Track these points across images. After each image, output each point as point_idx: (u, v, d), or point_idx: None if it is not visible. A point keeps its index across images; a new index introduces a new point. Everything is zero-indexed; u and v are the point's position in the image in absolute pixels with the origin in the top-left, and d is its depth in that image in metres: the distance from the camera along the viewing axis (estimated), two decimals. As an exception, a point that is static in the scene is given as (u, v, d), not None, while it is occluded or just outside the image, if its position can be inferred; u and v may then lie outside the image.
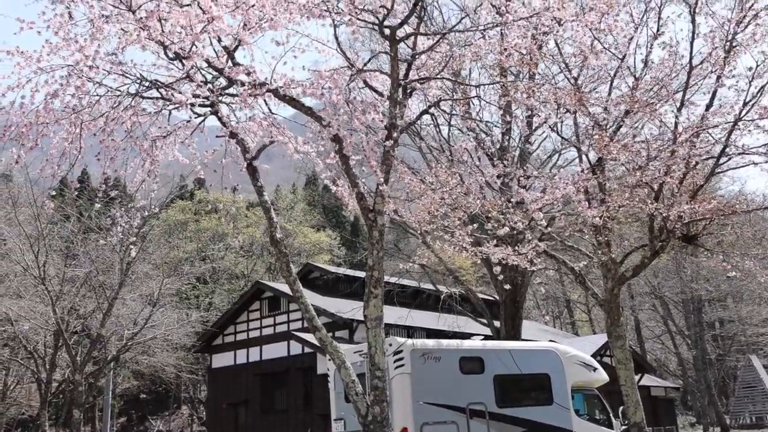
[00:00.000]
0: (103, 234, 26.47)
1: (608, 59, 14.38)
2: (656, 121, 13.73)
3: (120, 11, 8.78)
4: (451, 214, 15.18)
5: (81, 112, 9.39)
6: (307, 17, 9.55)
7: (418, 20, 11.63)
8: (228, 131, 10.81)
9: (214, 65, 9.72)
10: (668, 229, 14.06)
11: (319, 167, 11.97)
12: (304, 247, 52.50)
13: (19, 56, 8.82)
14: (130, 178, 11.26)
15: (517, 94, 12.87)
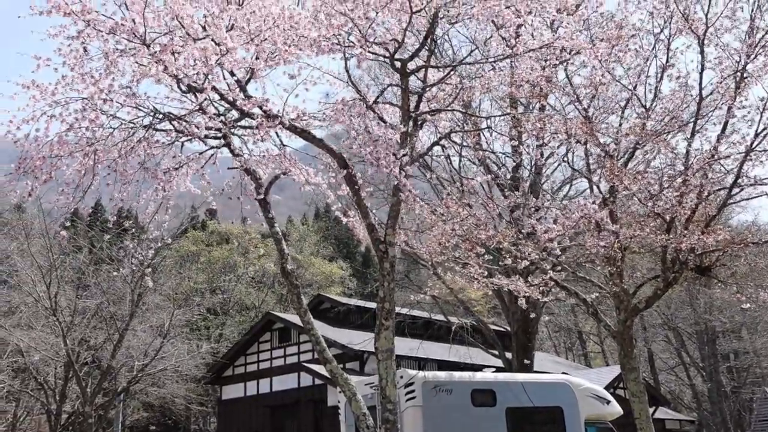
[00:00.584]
0: (115, 265, 26.53)
1: (618, 90, 14.43)
2: (667, 152, 13.71)
3: (135, 45, 8.89)
4: (462, 245, 15.16)
5: (95, 145, 9.48)
6: (317, 53, 9.64)
7: (428, 53, 11.72)
8: (240, 163, 10.87)
9: (227, 98, 9.80)
10: (681, 260, 13.98)
11: (331, 199, 12.01)
12: (316, 279, 52.45)
13: (35, 89, 8.93)
14: (143, 209, 11.33)
15: (527, 125, 12.91)
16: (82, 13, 8.47)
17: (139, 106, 9.64)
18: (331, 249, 61.08)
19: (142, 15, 8.65)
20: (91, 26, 8.56)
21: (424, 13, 10.37)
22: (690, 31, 13.21)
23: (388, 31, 10.86)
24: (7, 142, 9.28)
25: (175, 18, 8.89)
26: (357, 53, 10.24)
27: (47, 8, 8.37)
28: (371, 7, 9.69)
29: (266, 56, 9.58)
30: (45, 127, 9.09)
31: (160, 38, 9.01)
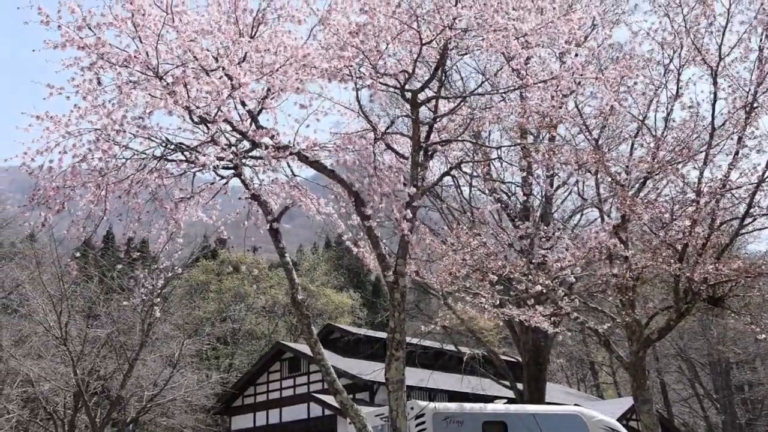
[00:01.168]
0: (126, 295, 26.58)
1: (629, 120, 14.45)
2: (678, 181, 13.68)
3: (147, 77, 8.98)
4: (473, 275, 15.11)
5: (107, 175, 9.54)
6: (329, 80, 9.71)
7: (438, 84, 11.78)
8: (251, 193, 10.91)
9: (238, 129, 9.86)
10: (693, 290, 13.88)
11: (341, 228, 12.04)
12: (326, 308, 52.32)
13: (48, 121, 9.03)
14: (154, 239, 11.37)
15: (537, 155, 12.93)
16: (95, 47, 8.57)
17: (151, 137, 9.72)
18: (341, 278, 60.98)
19: (155, 47, 8.75)
20: (104, 59, 8.66)
21: (434, 45, 10.44)
22: (703, 62, 13.24)
23: (399, 62, 10.94)
24: (19, 173, 9.37)
25: (187, 51, 8.99)
26: (368, 84, 10.32)
27: (61, 42, 8.48)
28: (382, 39, 9.77)
29: (278, 87, 9.66)
30: (59, 158, 9.18)
31: (173, 70, 9.11)
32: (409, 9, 9.74)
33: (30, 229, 9.71)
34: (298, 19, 10.17)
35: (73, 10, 8.49)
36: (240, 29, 10.07)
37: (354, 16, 10.11)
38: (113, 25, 8.74)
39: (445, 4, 9.49)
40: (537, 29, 9.94)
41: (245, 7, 10.14)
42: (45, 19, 8.35)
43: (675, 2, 13.13)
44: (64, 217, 9.85)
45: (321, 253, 66.47)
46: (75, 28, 8.48)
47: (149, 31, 8.81)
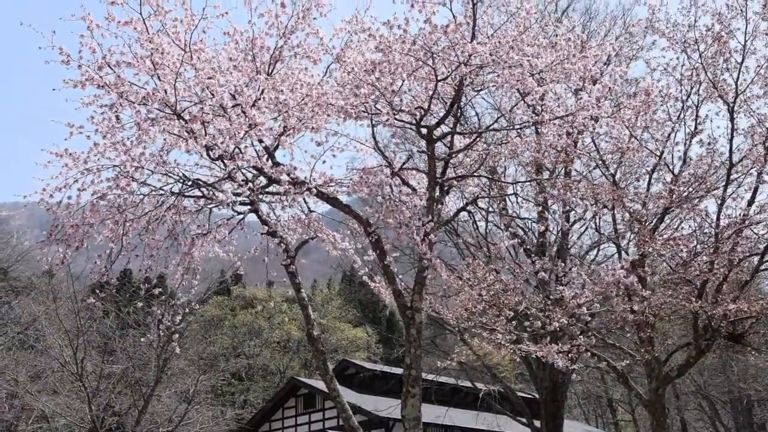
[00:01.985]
0: (142, 330, 26.59)
1: (646, 155, 14.40)
2: (697, 217, 13.59)
3: (166, 115, 9.08)
4: (489, 311, 15.01)
5: (125, 212, 9.60)
6: (344, 119, 9.78)
7: (454, 120, 11.82)
8: (267, 229, 10.94)
9: (255, 165, 9.92)
10: (713, 327, 13.72)
11: (357, 264, 12.03)
12: (341, 344, 52.07)
13: (67, 157, 9.13)
14: (171, 275, 11.40)
15: (553, 191, 12.89)
16: (115, 85, 8.68)
17: (169, 173, 9.79)
18: (356, 313, 60.76)
19: (174, 85, 8.85)
20: (123, 97, 8.77)
21: (449, 81, 10.50)
22: (719, 98, 13.23)
23: (414, 99, 11.00)
24: (38, 208, 9.45)
25: (205, 88, 9.09)
26: (384, 120, 10.37)
27: (81, 80, 8.60)
28: (398, 76, 9.84)
29: (294, 125, 9.74)
30: (77, 195, 9.26)
31: (191, 107, 9.21)
32: (425, 46, 9.81)
33: (48, 266, 9.76)
34: (314, 59, 10.31)
35: (94, 50, 8.63)
36: (257, 66, 10.19)
37: (369, 53, 10.20)
38: (132, 65, 8.86)
39: (460, 41, 9.55)
40: (552, 66, 9.98)
41: (262, 44, 10.27)
42: (66, 59, 8.47)
43: (692, 39, 13.16)
44: (82, 252, 9.91)
45: (336, 288, 66.34)
46: (95, 67, 8.61)
47: (167, 69, 8.93)
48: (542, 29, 10.86)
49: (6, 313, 32.55)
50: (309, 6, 10.33)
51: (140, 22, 8.95)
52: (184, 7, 9.42)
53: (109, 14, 8.79)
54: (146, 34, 8.97)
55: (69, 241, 9.38)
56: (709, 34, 13.06)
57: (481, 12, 10.02)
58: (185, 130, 8.97)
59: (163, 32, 9.26)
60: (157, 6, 9.11)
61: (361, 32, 10.20)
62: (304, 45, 10.57)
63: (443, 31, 9.59)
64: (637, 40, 14.94)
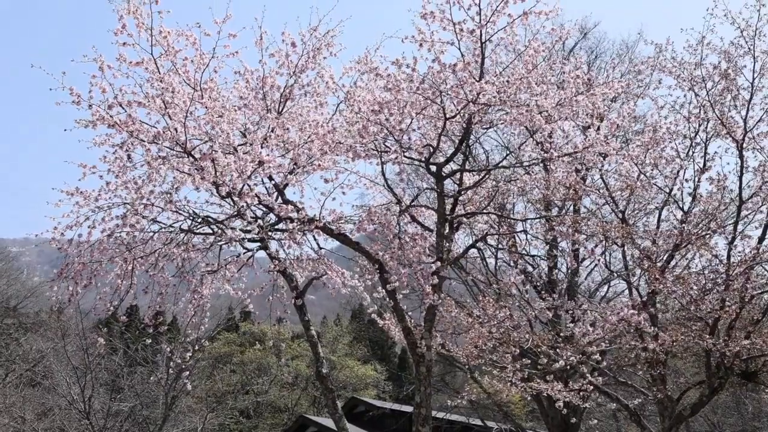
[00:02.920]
0: (150, 367, 26.51)
1: (655, 192, 14.38)
2: (708, 254, 13.51)
3: (176, 153, 9.15)
4: (500, 348, 14.91)
5: (134, 249, 9.64)
6: (352, 159, 9.83)
7: (463, 157, 11.86)
8: (276, 266, 10.93)
9: (265, 202, 9.95)
10: (726, 365, 13.56)
11: (367, 301, 12.00)
12: (350, 381, 51.68)
13: (79, 196, 9.20)
14: (180, 312, 11.40)
15: (562, 228, 12.87)
16: (125, 125, 8.76)
17: (178, 211, 9.83)
18: (366, 350, 60.39)
19: (184, 124, 8.93)
20: (134, 136, 8.85)
21: (458, 119, 10.55)
22: (728, 135, 13.23)
23: (423, 137, 11.05)
24: (47, 245, 9.51)
25: (215, 126, 9.17)
26: (393, 158, 10.41)
27: (92, 120, 8.68)
28: (406, 114, 9.90)
29: (303, 163, 9.80)
30: (87, 233, 9.32)
31: (201, 145, 9.28)
32: (433, 85, 9.88)
33: (57, 303, 9.78)
34: (320, 102, 10.42)
35: (104, 90, 8.73)
36: (267, 105, 10.28)
37: (378, 92, 10.29)
38: (143, 104, 8.96)
39: (468, 80, 9.61)
40: (559, 104, 10.03)
41: (273, 83, 10.37)
42: (76, 99, 8.57)
43: (699, 77, 13.21)
44: (91, 289, 9.94)
45: (345, 325, 66.04)
46: (106, 107, 8.70)
47: (178, 107, 9.01)
48: (550, 67, 10.92)
49: (14, 350, 32.54)
50: (319, 45, 10.46)
51: (151, 62, 9.07)
52: (195, 46, 9.55)
53: (120, 55, 8.92)
54: (157, 74, 9.08)
55: (78, 279, 9.40)
56: (716, 72, 13.11)
57: (489, 51, 10.10)
58: (195, 168, 9.03)
59: (174, 72, 9.37)
60: (167, 46, 9.24)
61: (369, 71, 10.31)
62: (314, 84, 10.69)
63: (452, 70, 9.67)
64: (644, 78, 14.99)
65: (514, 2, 9.36)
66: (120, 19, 8.85)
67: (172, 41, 9.30)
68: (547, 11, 9.42)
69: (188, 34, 9.49)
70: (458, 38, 9.56)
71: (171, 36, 9.26)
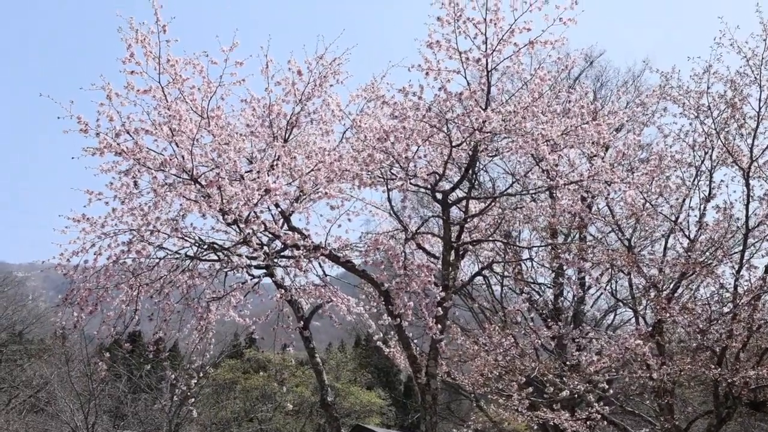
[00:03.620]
0: (154, 394, 26.40)
1: (661, 220, 14.34)
2: (714, 283, 13.45)
3: (183, 180, 9.17)
4: (506, 376, 14.81)
5: (140, 277, 9.65)
6: (359, 187, 9.84)
7: (469, 184, 11.86)
8: (282, 293, 10.90)
9: (271, 229, 9.95)
10: (734, 395, 13.44)
11: (372, 328, 11.94)
12: (354, 408, 51.31)
13: (85, 222, 9.23)
14: (184, 338, 11.37)
15: (568, 256, 12.83)
16: (132, 152, 8.80)
17: (185, 237, 9.84)
18: (370, 376, 60.02)
19: (191, 151, 8.96)
20: (141, 163, 8.89)
21: (464, 147, 10.56)
22: (734, 164, 13.22)
23: (429, 164, 11.06)
24: (53, 270, 9.53)
25: (222, 154, 9.20)
26: (399, 185, 10.42)
27: (99, 148, 8.73)
28: (412, 142, 9.91)
29: (310, 189, 9.81)
30: (93, 259, 9.33)
31: (208, 173, 9.31)
32: (439, 113, 9.91)
33: (61, 329, 9.77)
34: (326, 129, 10.46)
35: (111, 118, 8.78)
36: (274, 132, 10.32)
37: (385, 119, 10.32)
38: (150, 132, 9.01)
39: (474, 108, 9.63)
40: (565, 133, 10.04)
41: (279, 111, 10.42)
42: (84, 127, 8.62)
43: (704, 106, 13.24)
44: (96, 314, 9.94)
45: (350, 352, 65.68)
46: (113, 135, 8.75)
47: (185, 135, 9.05)
48: (555, 96, 10.95)
49: (18, 376, 32.47)
50: (326, 73, 10.52)
51: (159, 89, 9.13)
52: (202, 75, 9.62)
53: (128, 83, 8.98)
54: (165, 102, 9.14)
55: (83, 305, 9.41)
56: (722, 100, 13.14)
57: (495, 79, 10.14)
58: (201, 195, 9.05)
59: (181, 99, 9.43)
60: (175, 74, 9.30)
61: (376, 99, 10.35)
62: (320, 111, 10.74)
63: (458, 99, 9.70)
64: (650, 106, 15.03)
65: (519, 32, 9.39)
66: (128, 47, 8.92)
67: (180, 69, 9.37)
68: (553, 41, 9.45)
69: (196, 63, 9.56)
70: (464, 67, 9.58)
71: (179, 64, 9.33)
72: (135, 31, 8.93)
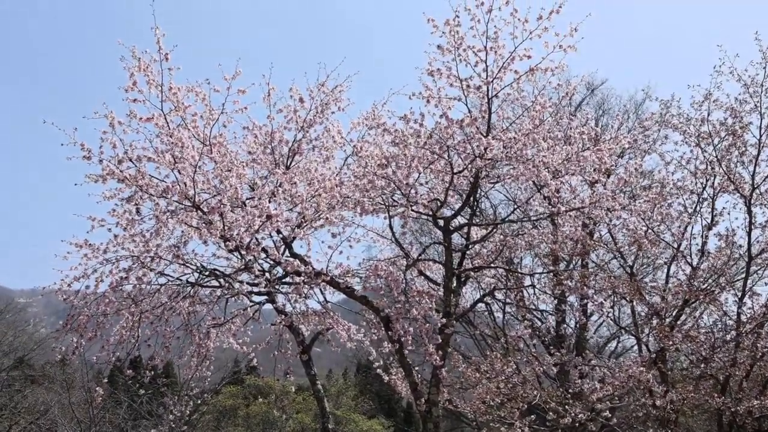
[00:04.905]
0: (154, 421, 26.21)
1: (663, 247, 14.31)
2: (717, 310, 13.40)
3: (185, 207, 9.19)
4: (508, 404, 14.71)
5: (141, 305, 9.64)
6: (360, 214, 9.85)
7: (470, 211, 11.86)
8: (283, 321, 10.87)
9: (272, 256, 9.95)
10: (738, 423, 13.33)
11: (373, 356, 11.89)
12: (355, 436, 50.90)
13: (87, 248, 9.24)
14: (184, 364, 11.32)
15: (570, 283, 12.80)
16: (135, 179, 8.83)
17: (186, 263, 9.84)
18: (371, 403, 59.60)
19: (193, 178, 8.98)
20: (143, 190, 8.91)
21: (465, 174, 10.57)
22: (736, 191, 13.21)
23: (431, 191, 11.08)
24: (54, 296, 9.52)
25: (224, 180, 9.22)
26: (400, 212, 10.43)
27: (102, 175, 8.76)
28: (413, 169, 9.93)
29: (311, 216, 9.82)
30: (95, 285, 9.33)
31: (210, 199, 9.32)
32: (440, 140, 9.94)
33: (62, 355, 9.74)
34: (327, 156, 10.49)
35: (114, 145, 8.82)
36: (275, 159, 10.35)
37: (386, 146, 10.35)
38: (152, 159, 9.04)
39: (475, 135, 9.66)
40: (566, 160, 10.06)
41: (281, 138, 10.46)
42: (87, 154, 8.66)
43: (705, 133, 13.26)
44: (96, 341, 9.91)
45: (350, 378, 65.31)
46: (116, 162, 8.78)
47: (187, 162, 9.08)
48: (557, 122, 10.99)
49: (19, 402, 32.26)
50: (327, 101, 10.57)
51: (161, 117, 9.17)
52: (204, 102, 9.67)
53: (131, 111, 9.03)
54: (167, 129, 9.18)
55: (82, 331, 9.39)
56: (723, 128, 13.16)
57: (496, 106, 10.18)
58: (203, 222, 9.06)
59: (184, 127, 9.48)
60: (177, 102, 9.35)
61: (377, 127, 10.39)
62: (322, 138, 10.77)
63: (459, 126, 9.73)
64: (651, 134, 15.06)
65: (520, 59, 9.44)
66: (131, 76, 8.98)
67: (182, 97, 9.42)
68: (553, 68, 9.49)
69: (198, 90, 9.62)
70: (465, 94, 9.62)
71: (181, 92, 9.39)
72: (137, 59, 8.99)
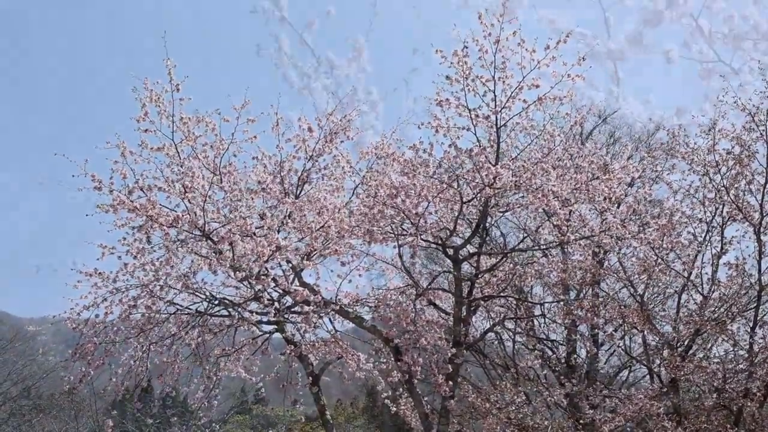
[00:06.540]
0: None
1: (673, 276, 14.22)
2: (729, 340, 13.27)
3: (194, 236, 9.21)
4: (518, 434, 14.59)
5: (150, 332, 9.63)
6: (369, 244, 9.85)
7: (480, 240, 11.83)
8: (292, 351, 10.82)
9: (281, 285, 9.94)
10: (753, 455, 13.17)
11: (381, 385, 11.81)
12: (364, 466, 50.43)
13: (97, 277, 9.26)
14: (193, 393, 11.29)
15: (580, 312, 12.74)
16: (145, 209, 8.87)
17: (195, 292, 9.84)
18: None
19: (203, 208, 9.01)
20: (153, 220, 8.94)
21: (475, 202, 10.57)
22: (745, 220, 13.14)
23: (440, 220, 11.07)
24: (63, 324, 9.53)
25: (234, 210, 9.25)
26: (409, 241, 10.42)
27: (113, 204, 8.80)
28: (422, 198, 9.93)
29: (320, 246, 9.83)
30: (104, 313, 9.33)
31: (219, 228, 9.35)
32: (449, 169, 9.96)
33: (70, 384, 9.73)
34: (337, 186, 10.52)
35: (125, 175, 8.88)
36: (285, 188, 10.38)
37: (395, 176, 10.37)
38: (163, 189, 9.09)
39: (484, 164, 9.67)
40: (576, 189, 10.05)
41: (290, 167, 10.50)
42: (98, 185, 8.72)
43: (713, 162, 13.22)
44: (105, 369, 9.91)
45: (359, 407, 64.82)
46: (126, 192, 8.83)
47: (197, 192, 9.12)
48: (566, 150, 10.98)
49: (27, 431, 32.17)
50: (336, 130, 10.63)
51: (172, 147, 9.24)
52: (214, 132, 9.74)
53: (142, 141, 9.11)
54: (178, 159, 9.25)
55: (90, 359, 9.38)
56: (730, 157, 13.11)
57: (505, 135, 10.20)
58: (213, 251, 9.08)
59: (194, 156, 9.54)
60: (188, 132, 9.43)
61: (386, 156, 10.43)
62: (331, 167, 10.81)
63: (468, 155, 9.75)
64: (659, 163, 15.04)
65: (528, 88, 9.48)
66: (142, 107, 9.07)
67: (193, 127, 9.50)
68: (562, 96, 9.52)
69: (208, 120, 9.70)
70: (474, 124, 9.65)
71: (191, 122, 9.47)
72: (149, 90, 9.08)
